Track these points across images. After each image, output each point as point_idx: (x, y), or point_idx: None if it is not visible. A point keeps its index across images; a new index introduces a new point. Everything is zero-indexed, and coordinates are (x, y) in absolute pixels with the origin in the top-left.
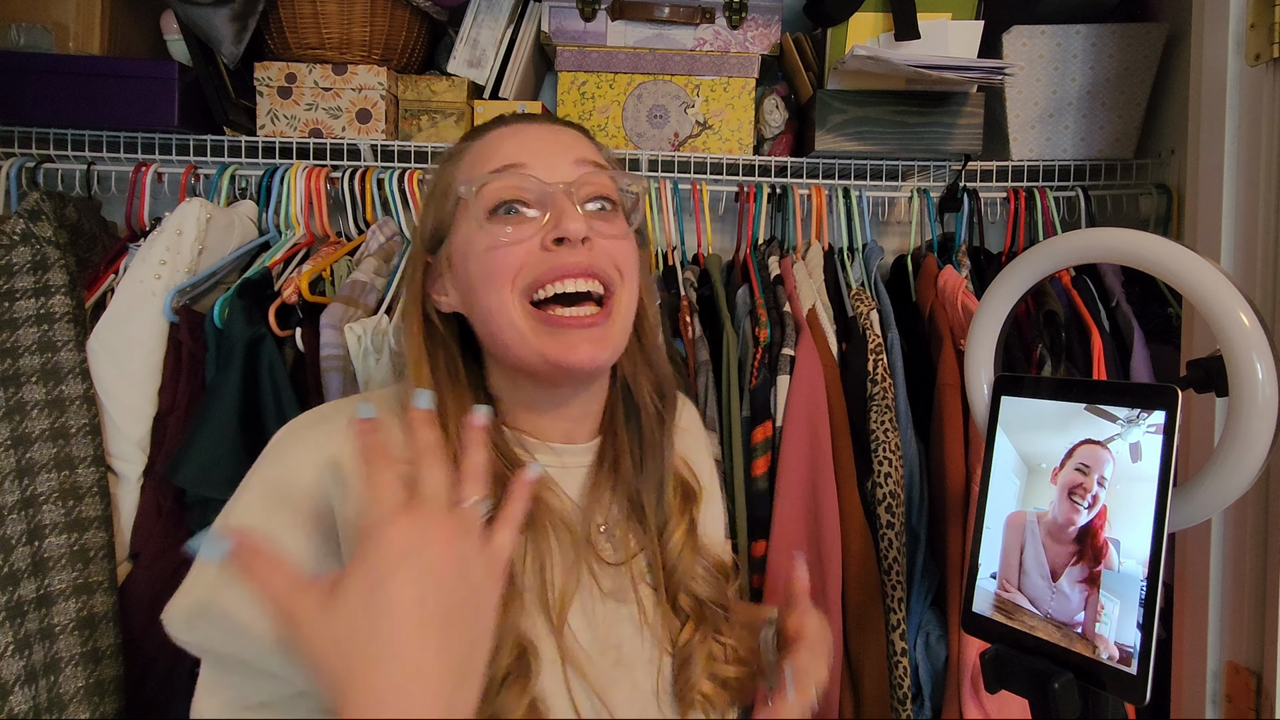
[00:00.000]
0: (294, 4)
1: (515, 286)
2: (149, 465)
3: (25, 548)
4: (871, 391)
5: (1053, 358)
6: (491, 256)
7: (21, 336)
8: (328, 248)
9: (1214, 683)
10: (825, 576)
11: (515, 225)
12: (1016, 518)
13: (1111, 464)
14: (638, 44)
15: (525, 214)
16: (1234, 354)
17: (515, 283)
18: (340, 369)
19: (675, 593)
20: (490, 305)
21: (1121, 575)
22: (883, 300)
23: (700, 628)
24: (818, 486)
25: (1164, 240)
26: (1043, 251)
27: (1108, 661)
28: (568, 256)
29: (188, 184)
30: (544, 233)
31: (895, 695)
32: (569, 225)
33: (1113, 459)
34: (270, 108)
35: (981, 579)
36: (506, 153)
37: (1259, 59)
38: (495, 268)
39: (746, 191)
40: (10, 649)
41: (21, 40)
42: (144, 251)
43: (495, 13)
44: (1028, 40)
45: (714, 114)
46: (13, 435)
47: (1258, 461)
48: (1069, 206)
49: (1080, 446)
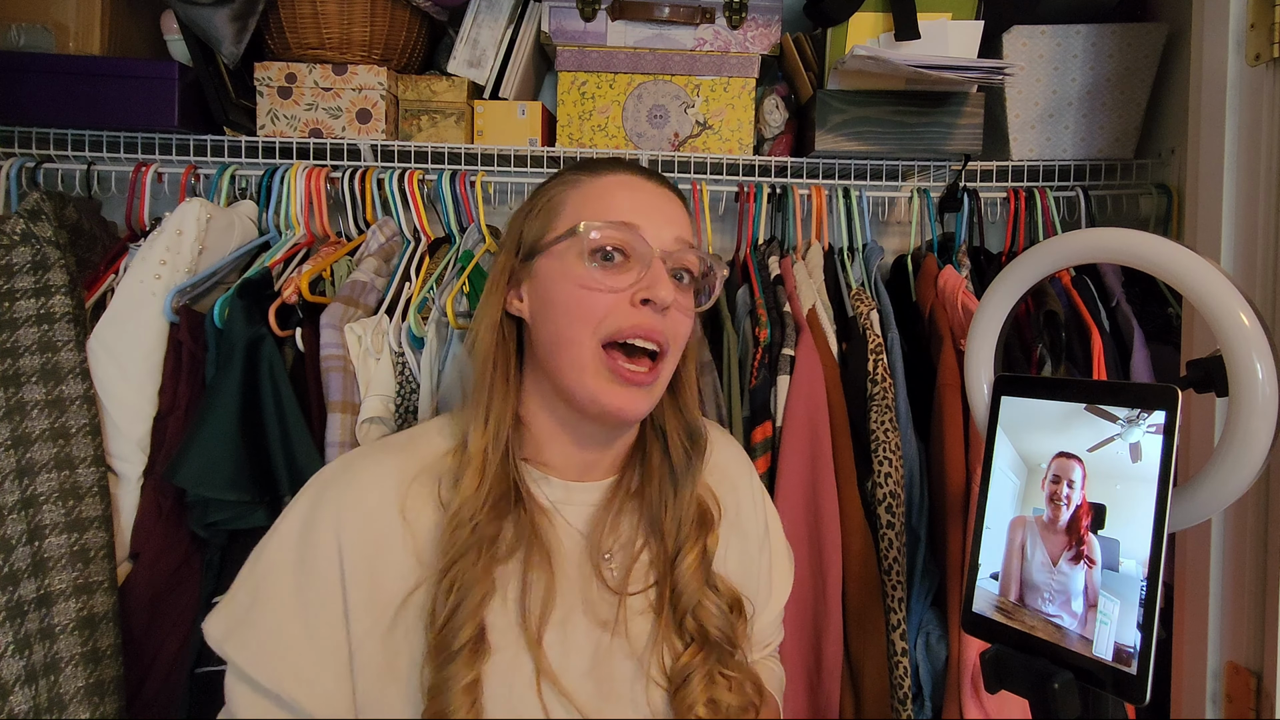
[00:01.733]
0: (294, 4)
1: (597, 330)
2: (149, 465)
3: (25, 548)
4: (871, 391)
5: (1053, 358)
6: (584, 296)
7: (22, 336)
8: (328, 248)
9: (1214, 683)
10: (825, 576)
11: (612, 274)
12: (1019, 520)
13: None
14: (638, 44)
15: (622, 264)
16: (1234, 354)
17: (599, 327)
18: (340, 369)
19: (682, 615)
20: (566, 336)
21: (1121, 575)
22: (883, 300)
23: (703, 652)
24: (818, 486)
25: (1164, 240)
26: (1043, 251)
27: (1108, 661)
28: (649, 318)
29: (188, 184)
30: (636, 289)
31: (895, 695)
32: (661, 292)
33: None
34: (270, 108)
35: (981, 579)
36: (624, 208)
37: (1259, 59)
38: (585, 308)
39: (746, 191)
40: (10, 649)
41: (21, 40)
42: (144, 251)
43: (495, 13)
44: (1028, 40)
45: (714, 114)
46: (13, 435)
47: (1258, 461)
48: (1069, 206)
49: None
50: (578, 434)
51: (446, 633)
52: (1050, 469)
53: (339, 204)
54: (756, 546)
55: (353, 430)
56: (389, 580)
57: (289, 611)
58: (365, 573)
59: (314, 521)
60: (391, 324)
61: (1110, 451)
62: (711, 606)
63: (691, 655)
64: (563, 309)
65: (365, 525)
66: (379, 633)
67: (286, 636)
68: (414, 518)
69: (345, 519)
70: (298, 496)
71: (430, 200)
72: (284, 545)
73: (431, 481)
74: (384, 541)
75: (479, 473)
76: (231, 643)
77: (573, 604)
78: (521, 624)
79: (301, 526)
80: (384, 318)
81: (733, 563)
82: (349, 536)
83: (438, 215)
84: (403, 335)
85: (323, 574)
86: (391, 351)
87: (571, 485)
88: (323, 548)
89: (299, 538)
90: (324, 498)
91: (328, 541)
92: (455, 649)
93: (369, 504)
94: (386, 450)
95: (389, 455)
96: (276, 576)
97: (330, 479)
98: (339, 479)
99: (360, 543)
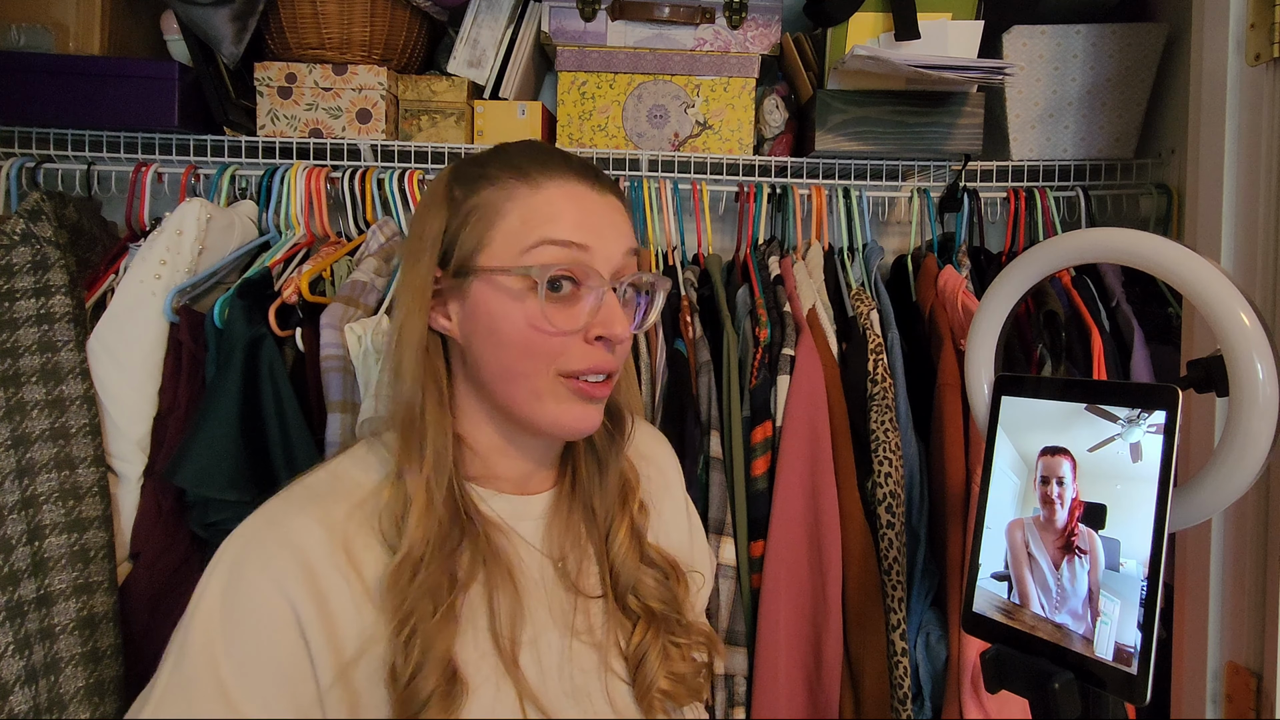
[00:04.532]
0: (294, 4)
1: (551, 365)
2: (149, 465)
3: (25, 548)
4: (871, 391)
5: (1053, 358)
6: (534, 336)
7: (22, 336)
8: (328, 248)
9: (1214, 683)
10: (825, 576)
11: (564, 310)
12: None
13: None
14: (638, 44)
15: (573, 295)
16: (1234, 354)
17: (553, 363)
18: (340, 369)
19: (624, 595)
20: (518, 370)
21: (1122, 575)
22: (883, 300)
23: (652, 627)
24: (818, 486)
25: (1164, 240)
26: (1043, 251)
27: (1108, 661)
28: (602, 356)
29: (188, 184)
30: (589, 325)
31: (895, 695)
32: (615, 329)
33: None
34: (270, 108)
35: (981, 579)
36: (572, 225)
37: (1259, 59)
38: (539, 349)
39: (746, 191)
40: (10, 649)
41: (21, 40)
42: (144, 251)
43: (495, 13)
44: (1028, 40)
45: (714, 114)
46: (13, 435)
47: (1258, 461)
48: (1069, 206)
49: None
50: (522, 448)
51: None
52: (1038, 469)
53: (339, 204)
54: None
55: (353, 430)
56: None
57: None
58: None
59: (242, 580)
60: (383, 330)
61: (1110, 451)
62: (649, 580)
63: (641, 634)
64: (510, 345)
65: (306, 576)
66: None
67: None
68: (359, 561)
69: (284, 571)
70: (209, 568)
71: None
72: (209, 618)
73: (368, 519)
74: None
75: (425, 508)
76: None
77: (542, 620)
78: (495, 650)
79: (225, 591)
80: (384, 318)
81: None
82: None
83: None
84: None
85: (268, 640)
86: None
87: (517, 500)
88: (261, 602)
89: (226, 616)
90: (248, 558)
91: (266, 594)
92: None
93: (306, 554)
94: (309, 496)
95: (314, 502)
96: (205, 649)
97: (252, 535)
98: (263, 534)
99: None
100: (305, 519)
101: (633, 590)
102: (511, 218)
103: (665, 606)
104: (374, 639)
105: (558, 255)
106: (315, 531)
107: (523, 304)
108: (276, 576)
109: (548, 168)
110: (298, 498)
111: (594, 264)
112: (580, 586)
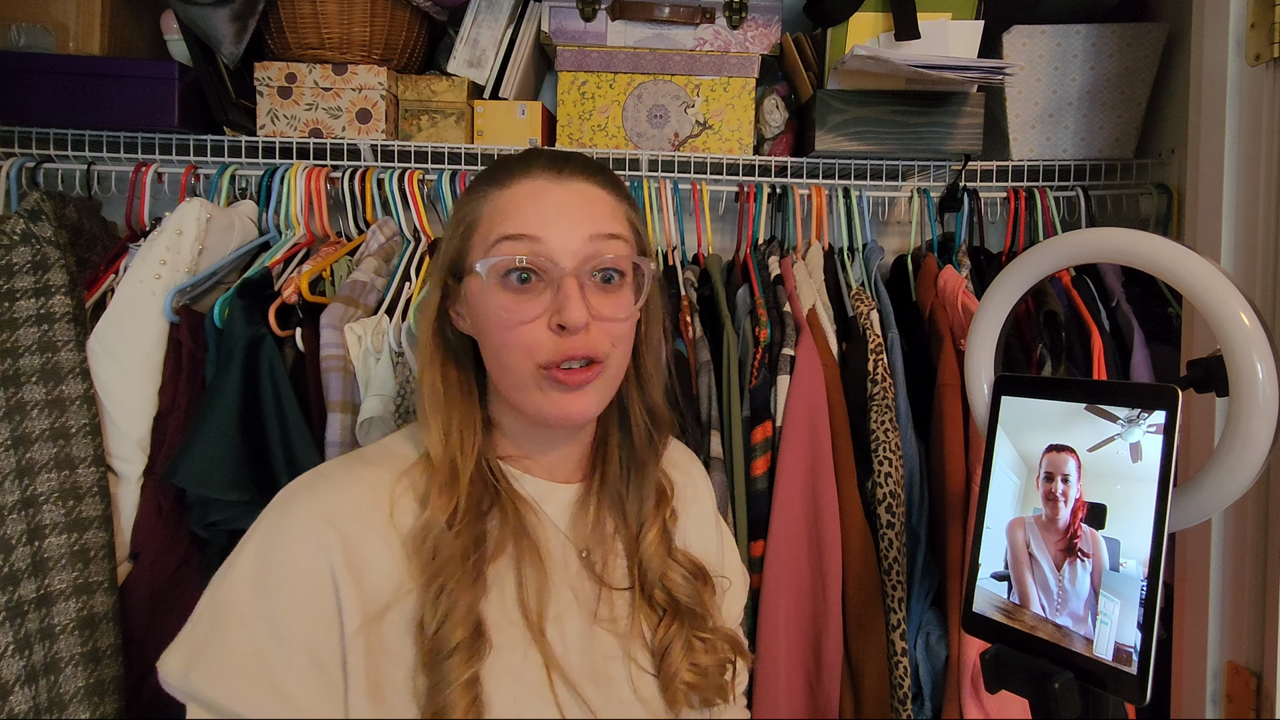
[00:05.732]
0: (294, 4)
1: (529, 357)
2: (149, 465)
3: (25, 548)
4: (871, 391)
5: (1053, 358)
6: (506, 330)
7: (22, 336)
8: (328, 248)
9: (1214, 683)
10: (825, 576)
11: (526, 300)
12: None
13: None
14: (638, 44)
15: (536, 286)
16: (1234, 354)
17: (529, 355)
18: (340, 369)
19: (651, 589)
20: (503, 360)
21: (1122, 575)
22: (883, 300)
23: (677, 620)
24: (818, 486)
25: (1164, 240)
26: (1043, 251)
27: (1108, 661)
28: (571, 341)
29: (188, 184)
30: (550, 314)
31: (895, 695)
32: (570, 315)
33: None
34: (270, 108)
35: (982, 579)
36: (529, 219)
37: (1259, 59)
38: (510, 341)
39: (746, 191)
40: (10, 649)
41: (21, 40)
42: (144, 251)
43: (495, 13)
44: (1028, 40)
45: (714, 114)
46: (13, 435)
47: (1258, 461)
48: (1069, 206)
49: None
50: (541, 435)
51: (439, 638)
52: (1042, 466)
53: (339, 204)
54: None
55: (353, 430)
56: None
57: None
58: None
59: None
60: (391, 324)
61: (1110, 451)
62: (676, 575)
63: (667, 626)
64: (492, 335)
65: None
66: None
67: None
68: (400, 521)
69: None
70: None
71: (430, 200)
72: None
73: (413, 485)
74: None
75: (451, 483)
76: (197, 673)
77: (566, 601)
78: (523, 619)
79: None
80: (384, 318)
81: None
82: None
83: (438, 215)
84: (403, 335)
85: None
86: (391, 351)
87: (545, 484)
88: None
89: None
90: (294, 506)
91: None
92: (450, 648)
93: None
94: (361, 461)
95: (364, 465)
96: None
97: (300, 489)
98: (312, 488)
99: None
100: (357, 478)
101: (660, 583)
102: (484, 221)
103: (691, 601)
104: (406, 590)
105: (512, 248)
106: (361, 486)
107: (494, 299)
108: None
109: (518, 169)
110: (351, 461)
111: (550, 254)
112: (605, 579)
